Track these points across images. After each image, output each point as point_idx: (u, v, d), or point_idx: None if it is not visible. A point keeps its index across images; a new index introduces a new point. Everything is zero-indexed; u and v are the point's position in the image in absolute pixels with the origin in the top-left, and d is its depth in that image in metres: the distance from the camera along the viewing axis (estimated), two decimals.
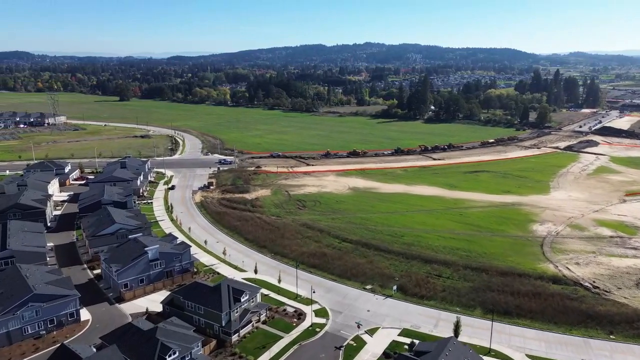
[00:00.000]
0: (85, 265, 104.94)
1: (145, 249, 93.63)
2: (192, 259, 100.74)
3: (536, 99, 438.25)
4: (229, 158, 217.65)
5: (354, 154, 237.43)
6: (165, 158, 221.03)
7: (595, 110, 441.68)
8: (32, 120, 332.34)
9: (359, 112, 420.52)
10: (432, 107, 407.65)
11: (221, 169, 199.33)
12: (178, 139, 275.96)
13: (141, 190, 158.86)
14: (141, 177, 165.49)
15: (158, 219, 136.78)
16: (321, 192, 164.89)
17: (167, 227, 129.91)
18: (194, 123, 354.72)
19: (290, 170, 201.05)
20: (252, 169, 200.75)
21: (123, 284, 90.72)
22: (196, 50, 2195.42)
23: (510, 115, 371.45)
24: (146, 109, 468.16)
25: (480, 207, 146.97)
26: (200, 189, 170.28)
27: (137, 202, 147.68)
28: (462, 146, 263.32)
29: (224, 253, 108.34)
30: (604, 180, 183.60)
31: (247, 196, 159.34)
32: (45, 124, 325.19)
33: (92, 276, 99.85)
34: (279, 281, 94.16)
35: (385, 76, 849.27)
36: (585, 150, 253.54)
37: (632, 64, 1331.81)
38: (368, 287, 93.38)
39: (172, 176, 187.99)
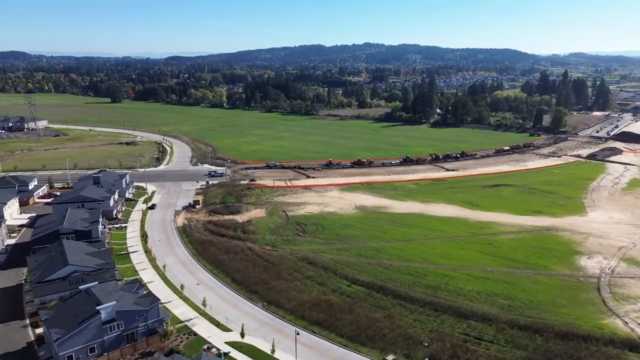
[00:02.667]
0: (27, 321, 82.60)
1: (98, 307, 71.49)
2: (162, 317, 78.48)
3: (545, 101, 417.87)
4: (220, 169, 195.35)
5: (358, 163, 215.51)
6: (148, 169, 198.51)
7: (607, 113, 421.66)
8: (10, 125, 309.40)
9: (361, 115, 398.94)
10: (438, 110, 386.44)
11: (210, 182, 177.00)
12: (166, 146, 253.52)
13: (115, 212, 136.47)
14: (115, 196, 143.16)
15: (130, 249, 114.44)
16: (324, 213, 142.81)
17: (139, 261, 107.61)
18: (186, 127, 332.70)
19: (289, 184, 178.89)
20: (246, 182, 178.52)
21: (66, 356, 68.59)
22: (195, 50, 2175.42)
23: (521, 119, 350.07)
24: (138, 111, 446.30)
25: (510, 233, 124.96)
26: (185, 208, 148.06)
27: (107, 228, 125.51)
28: (475, 154, 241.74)
29: (204, 304, 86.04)
30: None
31: (239, 218, 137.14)
32: (25, 129, 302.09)
33: (33, 338, 77.52)
34: (273, 351, 71.91)
35: (386, 77, 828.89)
36: (611, 159, 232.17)
37: (633, 65, 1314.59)
38: (390, 358, 71.21)
39: (154, 192, 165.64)
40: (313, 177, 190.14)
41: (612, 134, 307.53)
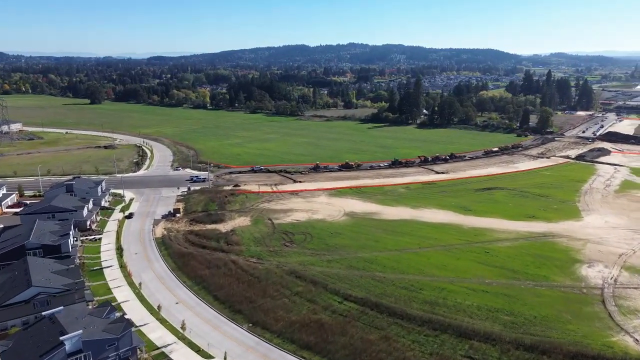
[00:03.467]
0: None
1: (62, 337, 63.74)
2: (136, 344, 70.95)
3: (530, 101, 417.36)
4: (202, 174, 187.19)
5: (346, 167, 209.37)
6: (127, 175, 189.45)
7: (591, 113, 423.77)
8: None
9: (347, 115, 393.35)
10: (425, 111, 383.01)
11: (192, 188, 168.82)
12: (146, 150, 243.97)
13: (88, 223, 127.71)
14: (90, 205, 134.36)
15: (104, 264, 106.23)
16: (312, 220, 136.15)
17: (113, 278, 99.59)
18: (168, 129, 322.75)
19: (275, 189, 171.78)
20: (229, 188, 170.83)
21: None
22: (178, 50, 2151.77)
23: (508, 119, 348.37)
24: (118, 113, 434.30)
25: (506, 241, 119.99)
26: (165, 217, 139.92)
27: (79, 241, 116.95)
28: (464, 156, 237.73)
29: (183, 327, 78.61)
30: (636, 199, 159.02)
31: (222, 227, 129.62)
32: None
33: None
34: None
35: (371, 77, 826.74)
36: (600, 160, 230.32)
37: (612, 65, 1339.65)
38: None
39: (132, 200, 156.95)
40: (300, 182, 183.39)
41: (598, 134, 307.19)
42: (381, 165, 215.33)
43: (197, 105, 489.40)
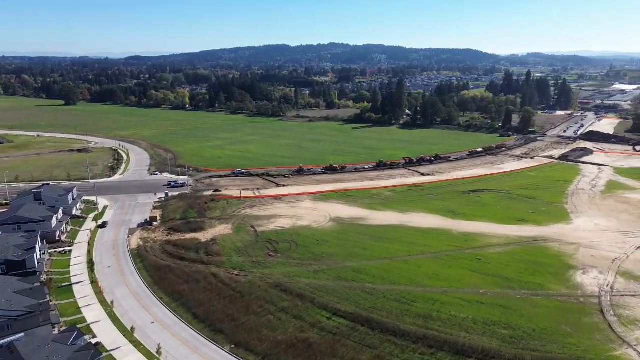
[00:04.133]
0: None
1: None
2: None
3: (510, 100, 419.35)
4: (181, 179, 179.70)
5: (331, 169, 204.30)
6: (101, 180, 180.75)
7: (570, 112, 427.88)
8: None
9: (330, 116, 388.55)
10: (408, 111, 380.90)
11: (170, 194, 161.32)
12: (122, 153, 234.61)
13: (58, 234, 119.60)
14: (59, 214, 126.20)
15: (74, 280, 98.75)
16: (297, 227, 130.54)
17: (83, 295, 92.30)
18: (146, 131, 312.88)
19: (257, 194, 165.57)
20: (210, 193, 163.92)
21: None
22: (157, 50, 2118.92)
23: (490, 119, 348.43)
24: (93, 114, 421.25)
25: (498, 246, 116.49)
26: (141, 225, 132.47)
27: (47, 254, 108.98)
28: (449, 157, 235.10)
29: (159, 352, 72.23)
30: (623, 200, 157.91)
31: (201, 236, 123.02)
32: None
33: None
34: None
35: (353, 77, 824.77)
36: (583, 160, 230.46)
37: (587, 64, 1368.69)
38: None
39: (106, 207, 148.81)
40: (283, 186, 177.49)
41: (579, 133, 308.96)
42: (366, 167, 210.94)
43: (176, 107, 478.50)
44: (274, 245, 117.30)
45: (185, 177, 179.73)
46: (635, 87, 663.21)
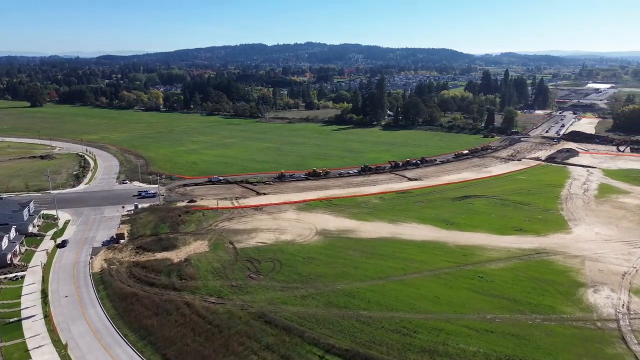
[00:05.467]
0: None
1: None
2: None
3: (490, 100, 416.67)
4: (152, 188, 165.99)
5: (314, 175, 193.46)
6: (64, 191, 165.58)
7: (548, 111, 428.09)
8: None
9: (310, 117, 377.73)
10: (389, 112, 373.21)
11: (140, 206, 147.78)
12: (89, 160, 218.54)
13: (9, 257, 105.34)
14: (12, 233, 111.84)
15: (24, 314, 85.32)
16: (280, 243, 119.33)
17: (33, 334, 79.11)
18: (116, 135, 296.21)
19: (236, 204, 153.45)
20: (184, 204, 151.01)
21: None
22: (130, 49, 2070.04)
23: (472, 119, 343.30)
24: (61, 117, 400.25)
25: (499, 261, 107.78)
26: (106, 244, 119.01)
27: None
28: (435, 160, 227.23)
29: None
30: (619, 205, 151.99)
31: (174, 255, 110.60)
32: None
33: None
34: None
35: (331, 77, 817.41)
36: (570, 161, 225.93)
37: (559, 64, 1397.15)
38: None
39: (67, 223, 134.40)
40: (264, 194, 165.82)
41: (561, 133, 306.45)
42: (350, 172, 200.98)
43: (150, 108, 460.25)
44: (255, 264, 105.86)
45: (157, 186, 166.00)
46: (608, 86, 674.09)
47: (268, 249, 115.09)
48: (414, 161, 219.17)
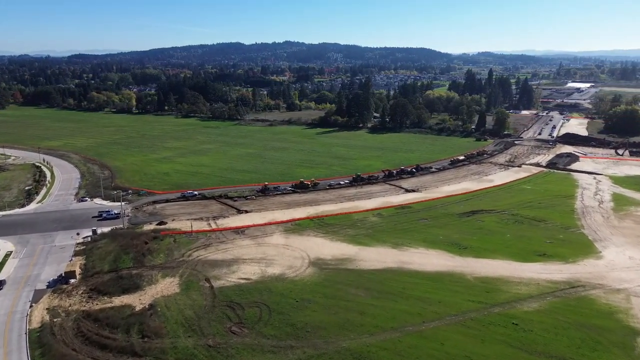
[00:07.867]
0: None
1: None
2: None
3: (476, 100, 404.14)
4: (115, 208, 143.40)
5: (301, 187, 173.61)
6: (10, 212, 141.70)
7: (535, 112, 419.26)
8: None
9: (292, 119, 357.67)
10: (375, 114, 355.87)
11: (100, 231, 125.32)
12: (46, 171, 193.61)
13: None
14: None
15: None
16: (267, 278, 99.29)
17: None
18: (81, 141, 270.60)
19: (213, 226, 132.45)
20: (152, 227, 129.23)
21: None
22: (103, 48, 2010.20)
23: (462, 121, 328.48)
24: (23, 120, 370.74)
25: (530, 299, 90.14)
26: (52, 285, 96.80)
27: None
28: (430, 167, 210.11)
29: None
30: None
31: (137, 300, 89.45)
32: None
33: None
34: None
35: (311, 76, 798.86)
36: (572, 167, 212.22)
37: (535, 63, 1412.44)
38: None
39: (8, 255, 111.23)
40: (245, 212, 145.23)
41: (554, 136, 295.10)
42: (341, 183, 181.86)
43: (121, 110, 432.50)
44: (237, 312, 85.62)
45: (121, 204, 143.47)
46: (589, 85, 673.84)
47: (253, 287, 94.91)
48: (409, 169, 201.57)
